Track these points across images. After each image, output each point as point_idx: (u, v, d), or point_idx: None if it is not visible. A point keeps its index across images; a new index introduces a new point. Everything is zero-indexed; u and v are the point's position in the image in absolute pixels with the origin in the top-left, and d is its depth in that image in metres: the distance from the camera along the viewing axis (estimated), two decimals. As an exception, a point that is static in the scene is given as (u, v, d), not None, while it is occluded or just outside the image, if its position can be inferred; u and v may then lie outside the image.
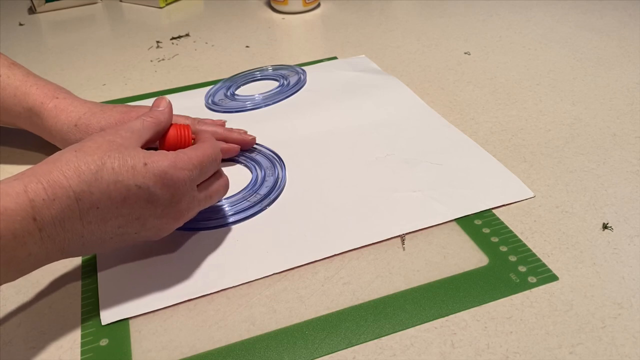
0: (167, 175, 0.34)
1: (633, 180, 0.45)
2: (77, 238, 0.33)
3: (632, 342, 0.32)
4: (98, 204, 0.32)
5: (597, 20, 0.75)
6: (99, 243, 0.34)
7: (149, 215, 0.35)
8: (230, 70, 0.68)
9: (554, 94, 0.58)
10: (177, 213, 0.36)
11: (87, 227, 0.33)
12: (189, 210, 0.37)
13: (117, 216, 0.33)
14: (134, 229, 0.35)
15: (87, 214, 0.32)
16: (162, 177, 0.34)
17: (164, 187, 0.34)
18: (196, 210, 0.38)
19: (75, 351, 0.34)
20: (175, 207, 0.36)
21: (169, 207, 0.35)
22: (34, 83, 0.49)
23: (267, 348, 0.33)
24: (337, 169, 0.48)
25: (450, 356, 0.32)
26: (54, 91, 0.49)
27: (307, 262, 0.39)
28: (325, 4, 0.89)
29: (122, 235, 0.35)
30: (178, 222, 0.37)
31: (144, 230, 0.35)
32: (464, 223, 0.41)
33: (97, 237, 0.34)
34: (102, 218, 0.33)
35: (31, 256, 0.31)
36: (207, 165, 0.37)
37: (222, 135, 0.49)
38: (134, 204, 0.34)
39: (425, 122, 0.54)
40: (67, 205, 0.31)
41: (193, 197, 0.37)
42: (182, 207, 0.36)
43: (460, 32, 0.75)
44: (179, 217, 0.36)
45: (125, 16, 0.91)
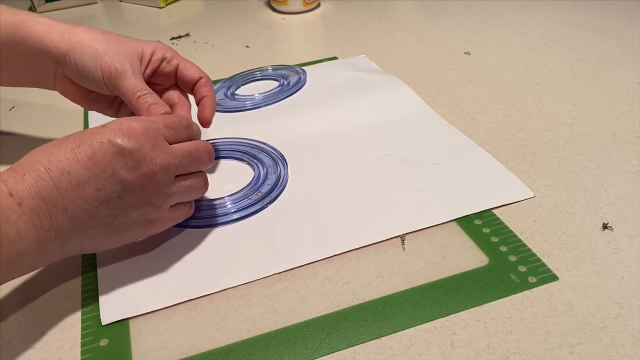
0: (125, 125, 0.35)
1: (633, 180, 0.45)
2: (62, 212, 0.32)
3: (632, 342, 0.32)
4: (67, 168, 0.33)
5: (597, 20, 0.75)
6: (88, 218, 0.34)
7: (122, 169, 0.34)
8: (230, 70, 0.68)
9: (554, 94, 0.58)
10: (152, 166, 0.35)
11: (65, 195, 0.32)
12: (164, 173, 0.36)
13: (90, 177, 0.33)
14: (115, 191, 0.34)
15: (60, 181, 0.32)
16: (120, 128, 0.35)
17: (125, 136, 0.34)
18: (172, 185, 0.37)
19: (75, 351, 0.34)
20: (148, 162, 0.35)
21: (142, 161, 0.34)
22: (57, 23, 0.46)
23: (267, 348, 0.33)
24: (337, 168, 0.48)
25: (450, 356, 0.32)
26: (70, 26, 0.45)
27: (307, 262, 0.39)
28: (325, 4, 0.89)
29: (107, 202, 0.34)
30: (159, 183, 0.36)
31: (127, 192, 0.34)
32: (464, 223, 0.41)
33: (81, 207, 0.33)
34: (76, 182, 0.33)
35: (20, 235, 0.31)
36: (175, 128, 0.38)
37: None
38: (101, 159, 0.33)
39: (425, 122, 0.54)
40: (38, 176, 0.32)
41: (168, 163, 0.36)
42: (157, 163, 0.35)
43: (460, 32, 0.75)
44: (156, 172, 0.35)
45: (125, 16, 0.91)
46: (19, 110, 0.62)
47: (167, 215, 0.38)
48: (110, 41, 0.44)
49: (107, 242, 0.36)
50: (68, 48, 0.44)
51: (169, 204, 0.37)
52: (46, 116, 0.60)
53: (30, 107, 0.63)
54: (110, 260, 0.40)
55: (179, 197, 0.38)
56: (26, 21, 0.45)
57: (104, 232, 0.35)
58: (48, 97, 0.61)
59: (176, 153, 0.37)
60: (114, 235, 0.36)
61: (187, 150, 0.38)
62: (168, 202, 0.37)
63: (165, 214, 0.38)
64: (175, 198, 0.38)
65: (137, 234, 0.37)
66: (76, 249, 0.35)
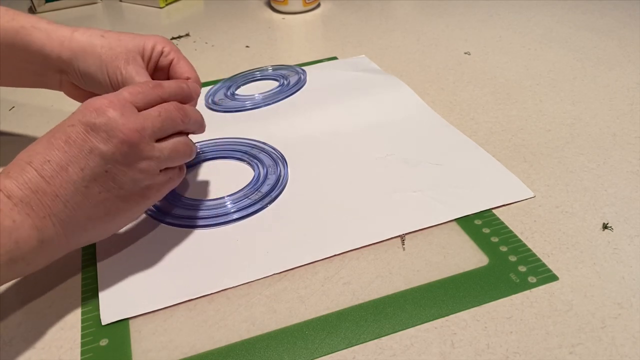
0: (90, 103, 0.35)
1: (633, 180, 0.45)
2: (53, 197, 0.33)
3: (632, 342, 0.32)
4: (47, 157, 0.33)
5: (597, 20, 0.75)
6: (82, 199, 0.34)
7: (98, 142, 0.34)
8: (230, 70, 0.68)
9: (554, 94, 0.59)
10: (126, 130, 0.34)
11: (51, 182, 0.33)
12: (141, 136, 0.35)
13: (70, 159, 0.33)
14: (99, 165, 0.34)
15: (43, 170, 0.33)
16: (87, 107, 0.35)
17: (93, 112, 0.34)
18: (154, 148, 0.36)
19: (75, 351, 0.34)
20: (121, 128, 0.34)
21: (115, 130, 0.34)
22: (58, 27, 0.45)
23: (267, 348, 0.33)
24: (337, 168, 0.48)
25: (450, 356, 0.32)
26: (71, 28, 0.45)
27: (307, 262, 0.39)
28: (325, 4, 0.89)
29: (96, 179, 0.34)
30: (139, 147, 0.35)
31: (112, 164, 0.34)
32: (464, 223, 0.41)
33: (71, 190, 0.33)
34: (58, 168, 0.33)
35: (16, 223, 0.31)
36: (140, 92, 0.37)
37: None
38: (75, 139, 0.34)
39: (425, 122, 0.54)
40: (21, 169, 0.33)
41: (141, 125, 0.35)
42: (129, 127, 0.34)
43: (460, 32, 0.75)
44: (131, 136, 0.35)
45: (125, 16, 0.91)
46: (19, 111, 0.62)
47: (160, 180, 0.38)
48: (112, 45, 0.44)
49: (110, 221, 0.36)
50: (70, 56, 0.44)
51: (157, 167, 0.37)
52: (46, 116, 0.60)
53: (30, 107, 0.63)
54: (110, 260, 0.40)
55: (166, 161, 0.38)
56: (25, 27, 0.45)
57: (103, 210, 0.35)
58: (48, 98, 0.61)
59: (146, 115, 0.36)
60: (115, 212, 0.36)
61: (156, 111, 0.37)
62: (155, 166, 0.37)
63: (158, 178, 0.37)
64: (162, 161, 0.37)
65: (137, 205, 0.37)
66: (82, 237, 0.35)
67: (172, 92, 0.40)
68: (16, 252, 0.31)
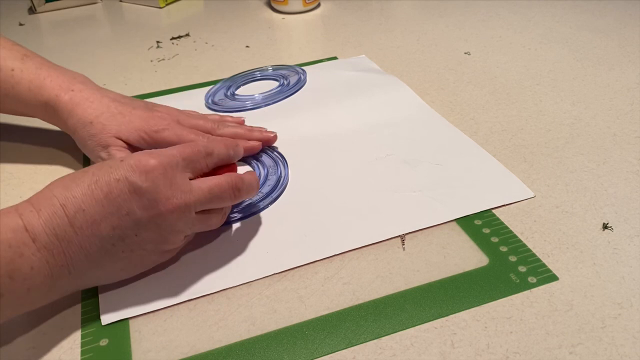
0: (142, 161, 0.34)
1: (633, 180, 0.45)
2: (77, 249, 0.32)
3: (632, 342, 0.32)
4: (83, 205, 0.32)
5: (597, 20, 0.75)
6: (104, 255, 0.34)
7: (138, 208, 0.33)
8: (230, 70, 0.68)
9: (554, 94, 0.58)
10: (169, 205, 0.34)
11: (80, 233, 0.32)
12: (181, 212, 0.35)
13: (105, 215, 0.33)
14: (131, 229, 0.34)
15: (75, 219, 0.32)
16: (138, 164, 0.34)
17: (143, 174, 0.33)
18: (189, 222, 0.36)
19: (75, 351, 0.34)
20: (164, 202, 0.34)
21: (158, 201, 0.34)
22: (47, 75, 0.48)
23: (267, 348, 0.33)
24: (337, 168, 0.48)
25: (450, 356, 0.32)
26: (69, 82, 0.48)
27: (307, 262, 0.39)
28: (325, 4, 0.89)
29: (124, 240, 0.34)
30: (177, 224, 0.35)
31: (143, 230, 0.34)
32: (464, 223, 0.41)
33: (97, 245, 0.33)
34: (91, 221, 0.32)
35: (34, 271, 0.31)
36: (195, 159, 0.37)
37: (244, 135, 0.50)
38: (117, 197, 0.33)
39: (425, 122, 0.54)
40: (54, 212, 0.32)
41: (186, 202, 0.35)
42: (173, 203, 0.34)
43: (460, 32, 0.75)
44: (173, 211, 0.34)
45: (125, 16, 0.91)
46: (19, 110, 0.62)
47: (182, 244, 0.39)
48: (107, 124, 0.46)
49: (123, 274, 0.37)
50: (68, 128, 0.48)
51: (187, 239, 0.39)
52: (46, 116, 0.60)
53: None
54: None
55: (194, 230, 0.38)
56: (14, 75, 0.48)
57: (121, 265, 0.35)
58: (48, 97, 0.61)
59: (195, 190, 0.35)
60: (131, 267, 0.36)
61: (207, 187, 0.36)
62: (186, 240, 0.39)
63: (181, 243, 0.38)
64: (189, 233, 0.38)
65: (153, 263, 0.38)
66: (92, 282, 0.36)
67: (221, 159, 0.40)
68: (26, 298, 0.32)
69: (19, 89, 0.48)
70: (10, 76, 0.47)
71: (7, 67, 0.48)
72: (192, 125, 0.49)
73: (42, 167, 0.52)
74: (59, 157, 0.53)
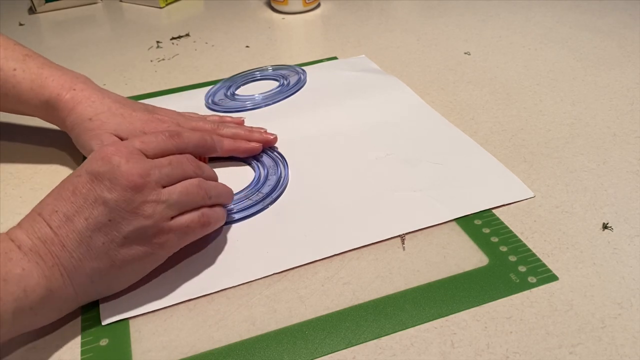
0: (97, 152, 0.35)
1: (633, 180, 0.45)
2: (60, 248, 0.33)
3: (632, 342, 0.32)
4: (55, 207, 0.34)
5: (597, 20, 0.75)
6: (87, 250, 0.33)
7: (102, 191, 0.33)
8: (230, 70, 0.68)
9: (554, 94, 0.58)
10: (130, 177, 0.34)
11: (58, 232, 0.33)
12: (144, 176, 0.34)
13: (77, 210, 0.33)
14: (102, 214, 0.33)
15: (51, 220, 0.33)
16: (94, 156, 0.35)
17: (98, 161, 0.34)
18: (164, 196, 0.35)
19: (75, 351, 0.34)
20: (125, 175, 0.34)
21: (119, 177, 0.33)
22: (49, 74, 0.48)
23: (267, 348, 0.33)
24: (337, 168, 0.48)
25: (450, 356, 0.32)
26: (71, 82, 0.48)
27: (307, 262, 0.39)
28: (325, 4, 0.89)
29: (99, 228, 0.33)
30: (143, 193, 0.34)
31: (115, 214, 0.33)
32: (464, 223, 0.41)
33: (77, 240, 0.33)
34: (65, 218, 0.33)
35: (25, 271, 0.31)
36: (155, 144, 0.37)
37: (244, 136, 0.50)
38: (81, 190, 0.34)
39: (425, 122, 0.54)
40: (32, 220, 0.34)
41: (146, 169, 0.34)
42: (134, 172, 0.34)
43: (460, 32, 0.75)
44: (135, 181, 0.34)
45: (125, 16, 0.91)
46: (19, 110, 0.62)
47: (171, 227, 0.36)
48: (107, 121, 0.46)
49: (117, 274, 0.35)
50: (66, 126, 0.48)
51: (166, 213, 0.35)
52: (46, 116, 0.60)
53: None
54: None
55: (176, 205, 0.36)
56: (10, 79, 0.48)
57: (107, 261, 0.34)
58: (48, 97, 0.61)
59: (155, 162, 0.36)
60: (121, 264, 0.34)
61: (167, 160, 0.36)
62: (162, 211, 0.35)
63: (167, 225, 0.35)
64: (171, 206, 0.35)
65: (146, 257, 0.35)
66: (90, 289, 0.35)
67: (192, 144, 0.39)
68: (24, 300, 0.31)
69: (20, 88, 0.48)
70: (12, 76, 0.48)
71: (9, 67, 0.48)
72: (192, 128, 0.49)
73: (42, 167, 0.52)
74: (59, 157, 0.53)
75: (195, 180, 0.37)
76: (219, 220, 0.39)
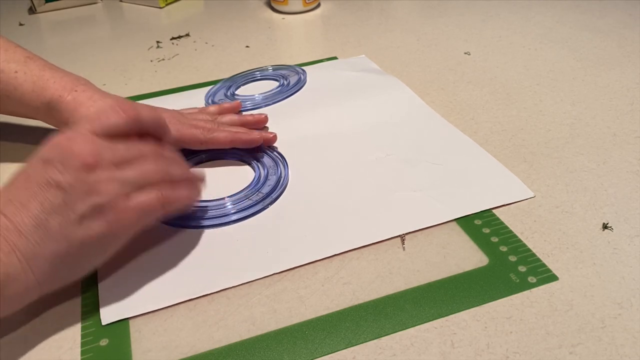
0: (49, 141, 0.35)
1: (633, 180, 0.45)
2: (17, 235, 0.32)
3: (632, 342, 0.32)
4: (9, 197, 0.33)
5: (597, 20, 0.75)
6: (44, 234, 0.33)
7: (54, 174, 0.33)
8: (230, 70, 0.68)
9: (554, 94, 0.59)
10: (81, 157, 0.34)
11: (14, 219, 0.33)
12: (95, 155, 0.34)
13: (30, 195, 0.33)
14: (56, 196, 0.33)
15: (7, 209, 0.33)
16: (45, 144, 0.35)
17: (49, 147, 0.35)
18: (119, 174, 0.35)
19: (75, 351, 0.34)
20: (76, 155, 0.34)
21: (70, 158, 0.34)
22: (50, 76, 0.48)
23: (267, 348, 0.33)
24: (337, 168, 0.48)
25: (450, 356, 0.32)
26: (72, 83, 0.48)
27: (307, 262, 0.39)
28: (325, 4, 0.89)
29: (54, 210, 0.33)
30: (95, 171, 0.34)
31: (69, 194, 0.33)
32: (464, 223, 0.41)
33: (33, 225, 0.33)
34: (20, 205, 0.33)
35: None
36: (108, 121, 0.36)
37: (243, 132, 0.50)
38: (33, 176, 0.34)
39: (425, 122, 0.54)
40: None
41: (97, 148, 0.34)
42: (85, 152, 0.34)
43: (460, 32, 0.75)
44: (86, 160, 0.34)
45: (125, 16, 0.91)
46: (19, 110, 0.62)
47: (127, 205, 0.35)
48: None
49: (77, 256, 0.34)
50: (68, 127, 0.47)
51: (120, 190, 0.34)
52: (46, 116, 0.60)
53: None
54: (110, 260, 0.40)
55: (132, 184, 0.35)
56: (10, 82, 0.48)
57: (65, 242, 0.33)
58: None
59: (109, 143, 0.35)
60: (79, 245, 0.34)
61: (123, 142, 0.36)
62: (116, 188, 0.34)
63: (122, 203, 0.35)
64: (126, 184, 0.35)
65: (105, 238, 0.35)
66: (52, 275, 0.34)
67: (147, 123, 0.39)
68: None
69: (22, 90, 0.48)
70: (14, 78, 0.48)
71: (10, 69, 0.48)
72: (192, 124, 0.49)
73: (42, 167, 0.52)
74: (59, 157, 0.53)
75: (152, 158, 0.37)
76: (181, 200, 0.38)
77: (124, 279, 0.38)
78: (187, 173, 0.40)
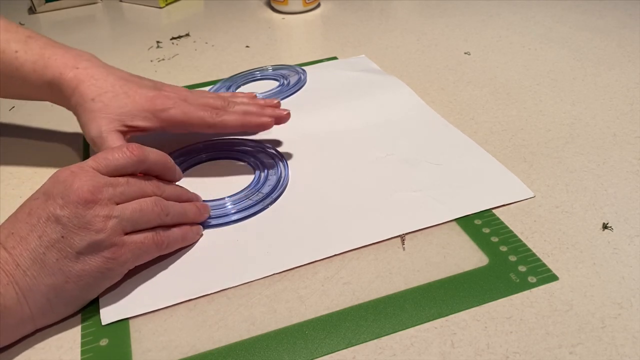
0: (53, 176, 0.36)
1: (633, 180, 0.45)
2: (15, 267, 0.33)
3: (632, 342, 0.32)
4: (11, 229, 0.34)
5: (597, 20, 0.75)
6: (41, 267, 0.33)
7: (54, 209, 0.34)
8: (230, 70, 0.68)
9: (554, 94, 0.59)
10: (81, 193, 0.34)
11: (13, 252, 0.33)
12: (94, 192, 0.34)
13: (30, 229, 0.34)
14: (55, 231, 0.33)
15: (7, 242, 0.34)
16: (50, 178, 0.36)
17: (52, 183, 0.35)
18: (116, 211, 0.35)
19: (75, 351, 0.34)
20: (76, 191, 0.34)
21: (70, 194, 0.34)
22: (52, 54, 0.47)
23: (267, 348, 0.33)
24: (337, 168, 0.48)
25: (450, 356, 0.32)
26: (75, 60, 0.47)
27: (307, 262, 0.39)
28: (325, 4, 0.89)
29: (52, 245, 0.33)
30: (94, 208, 0.34)
31: (67, 229, 0.34)
32: (464, 223, 0.41)
33: (30, 259, 0.33)
34: (19, 238, 0.34)
35: None
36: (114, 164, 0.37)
37: (255, 112, 0.48)
38: (36, 210, 0.34)
39: (425, 122, 0.54)
40: None
41: (96, 184, 0.35)
42: (85, 189, 0.34)
43: (460, 32, 0.75)
44: (85, 197, 0.34)
45: (125, 16, 0.91)
46: (19, 110, 0.62)
47: (124, 242, 0.35)
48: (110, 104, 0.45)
49: (73, 291, 0.35)
50: (71, 107, 0.47)
51: (118, 228, 0.35)
52: (46, 116, 0.60)
53: (30, 107, 0.63)
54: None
55: (129, 221, 0.36)
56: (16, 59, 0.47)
57: (62, 277, 0.34)
58: (48, 97, 0.61)
59: (110, 179, 0.36)
60: (76, 280, 0.34)
61: (124, 178, 0.37)
62: (114, 226, 0.35)
63: (119, 240, 0.35)
64: (124, 222, 0.35)
65: (100, 273, 0.35)
66: (47, 309, 0.34)
67: (153, 165, 0.39)
68: None
69: (23, 70, 0.47)
70: (15, 58, 0.46)
71: (11, 50, 0.47)
72: (200, 104, 0.47)
73: (42, 167, 0.52)
74: (59, 158, 0.53)
75: (152, 199, 0.38)
76: (177, 241, 0.39)
77: (124, 279, 0.38)
78: (187, 210, 0.41)
